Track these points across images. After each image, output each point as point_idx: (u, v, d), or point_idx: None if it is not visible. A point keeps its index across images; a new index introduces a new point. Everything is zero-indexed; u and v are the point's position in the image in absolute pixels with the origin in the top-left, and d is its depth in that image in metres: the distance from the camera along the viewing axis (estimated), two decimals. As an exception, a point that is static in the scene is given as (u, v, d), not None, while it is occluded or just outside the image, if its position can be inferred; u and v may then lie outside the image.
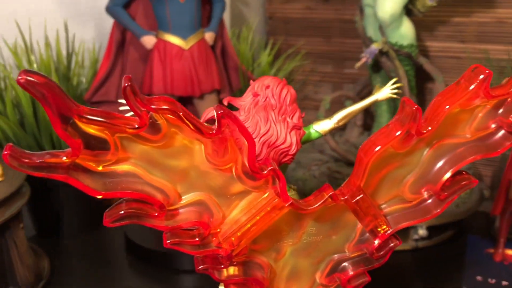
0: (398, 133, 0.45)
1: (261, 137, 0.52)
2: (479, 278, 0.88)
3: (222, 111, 0.40)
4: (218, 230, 0.47)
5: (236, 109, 0.56)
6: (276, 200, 0.46)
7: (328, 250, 0.54)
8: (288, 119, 0.54)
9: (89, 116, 0.37)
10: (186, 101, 0.99)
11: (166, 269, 0.90)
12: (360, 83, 1.17)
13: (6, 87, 0.95)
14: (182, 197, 0.45)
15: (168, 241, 0.45)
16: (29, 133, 0.95)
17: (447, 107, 0.45)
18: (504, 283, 0.87)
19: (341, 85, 1.32)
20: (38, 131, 0.96)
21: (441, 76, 1.04)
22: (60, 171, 0.39)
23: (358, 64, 0.99)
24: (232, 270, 0.50)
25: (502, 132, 0.50)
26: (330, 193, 0.48)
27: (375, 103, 0.66)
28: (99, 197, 0.40)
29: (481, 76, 0.44)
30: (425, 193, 0.52)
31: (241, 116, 0.54)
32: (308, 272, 0.55)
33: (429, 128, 0.46)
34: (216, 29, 1.00)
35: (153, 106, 0.38)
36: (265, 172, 0.44)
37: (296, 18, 1.31)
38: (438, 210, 0.52)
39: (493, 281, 0.87)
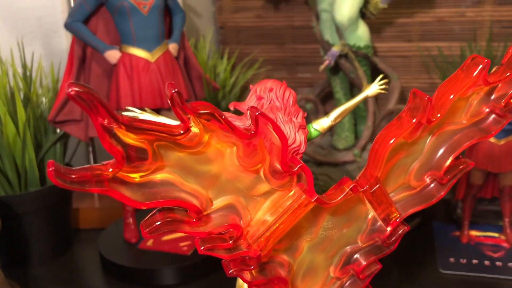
0: (414, 121, 0.48)
1: (273, 138, 0.53)
2: (451, 259, 0.94)
3: (258, 112, 0.41)
4: (245, 232, 0.48)
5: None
6: (303, 196, 0.48)
7: (342, 243, 0.56)
8: (294, 119, 0.56)
9: (135, 124, 0.37)
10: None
11: (146, 286, 0.88)
12: (318, 85, 1.21)
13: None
14: (213, 202, 0.45)
15: (201, 248, 0.45)
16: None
17: (452, 96, 0.49)
18: (474, 261, 0.93)
19: (296, 89, 1.35)
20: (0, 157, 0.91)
21: (395, 74, 1.10)
22: (103, 185, 0.38)
23: (322, 67, 1.03)
24: (257, 271, 0.51)
25: (493, 116, 0.54)
26: (351, 185, 0.50)
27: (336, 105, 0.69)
28: (143, 207, 0.40)
29: (480, 66, 0.48)
30: (428, 179, 0.56)
31: (248, 120, 0.55)
32: (322, 266, 0.57)
33: (438, 115, 0.49)
34: (179, 40, 1.00)
35: (200, 112, 0.38)
36: (295, 169, 0.45)
37: (247, 27, 1.33)
38: (441, 193, 0.55)
39: (465, 261, 0.93)
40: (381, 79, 0.65)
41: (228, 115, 0.54)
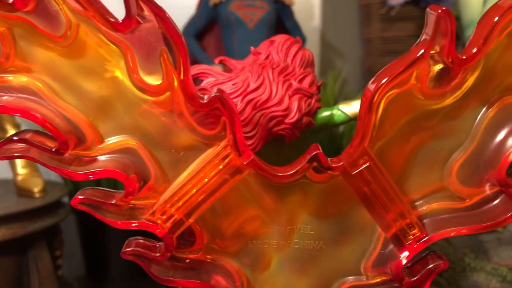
0: (421, 52, 0.28)
1: (246, 94, 0.39)
2: None
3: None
4: (153, 196, 0.33)
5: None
6: (230, 154, 0.32)
7: (334, 268, 0.36)
8: (294, 82, 0.40)
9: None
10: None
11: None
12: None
13: None
14: (105, 139, 0.33)
15: (77, 200, 0.32)
16: None
17: (497, 18, 0.28)
18: None
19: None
20: None
21: None
22: None
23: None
24: (179, 268, 0.35)
25: None
26: (314, 153, 0.31)
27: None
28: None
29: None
30: (488, 186, 0.33)
31: (232, 78, 0.41)
32: (307, 302, 0.37)
33: (474, 50, 0.29)
34: (291, 63, 0.90)
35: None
36: (206, 99, 0.30)
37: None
38: (507, 215, 0.32)
39: None
40: None
41: (215, 70, 0.42)
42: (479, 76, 0.31)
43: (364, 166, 0.32)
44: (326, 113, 0.43)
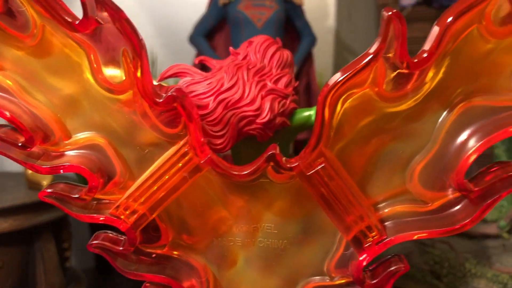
0: (371, 56, 0.28)
1: (220, 94, 0.39)
2: None
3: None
4: (118, 192, 0.34)
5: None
6: (189, 153, 0.32)
7: (299, 267, 0.37)
8: (269, 82, 0.41)
9: None
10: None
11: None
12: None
13: None
14: (72, 135, 0.34)
15: (44, 194, 0.34)
16: None
17: (450, 19, 0.28)
18: None
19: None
20: None
21: None
22: None
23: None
24: (145, 262, 0.36)
25: None
26: (270, 153, 0.32)
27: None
28: None
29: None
30: (450, 190, 0.33)
31: (209, 78, 0.42)
32: (274, 300, 0.38)
33: (421, 58, 0.28)
34: (299, 63, 0.90)
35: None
36: (163, 97, 0.31)
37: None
38: (468, 220, 0.32)
39: None
40: None
41: (193, 69, 0.42)
42: (440, 79, 0.31)
43: (319, 167, 0.32)
44: (305, 114, 0.43)
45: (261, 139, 0.41)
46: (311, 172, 0.32)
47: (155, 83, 0.32)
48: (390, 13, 0.28)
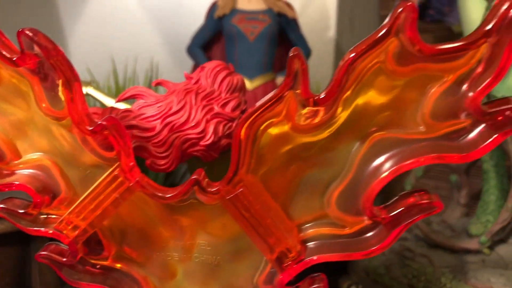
0: (279, 93, 0.31)
1: (167, 117, 0.42)
2: None
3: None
4: (63, 208, 0.38)
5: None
6: (119, 176, 0.35)
7: (232, 282, 0.39)
8: (216, 106, 0.43)
9: None
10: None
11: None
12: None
13: None
14: (22, 155, 0.38)
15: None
16: None
17: (352, 55, 0.30)
18: None
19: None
20: None
21: None
22: None
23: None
24: (90, 272, 0.39)
25: (480, 127, 0.31)
26: (193, 177, 0.34)
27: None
28: None
29: (400, 10, 0.29)
30: (366, 217, 0.35)
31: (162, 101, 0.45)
32: (212, 313, 0.40)
33: (322, 96, 0.31)
34: (292, 75, 0.92)
35: None
36: (94, 125, 0.34)
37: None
38: (378, 245, 0.34)
39: None
40: None
41: (149, 92, 0.45)
42: (351, 113, 0.33)
43: (238, 191, 0.34)
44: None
45: (205, 160, 0.43)
46: (230, 196, 0.34)
47: (112, 105, 0.35)
48: (295, 53, 0.30)
